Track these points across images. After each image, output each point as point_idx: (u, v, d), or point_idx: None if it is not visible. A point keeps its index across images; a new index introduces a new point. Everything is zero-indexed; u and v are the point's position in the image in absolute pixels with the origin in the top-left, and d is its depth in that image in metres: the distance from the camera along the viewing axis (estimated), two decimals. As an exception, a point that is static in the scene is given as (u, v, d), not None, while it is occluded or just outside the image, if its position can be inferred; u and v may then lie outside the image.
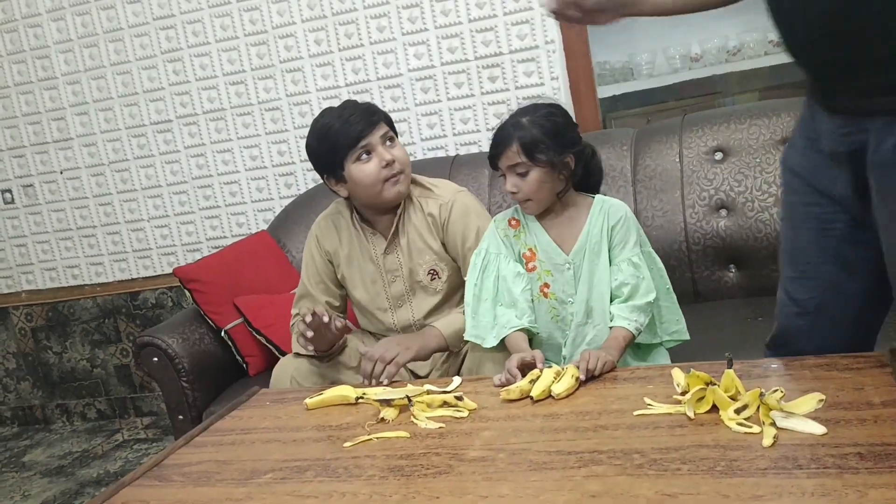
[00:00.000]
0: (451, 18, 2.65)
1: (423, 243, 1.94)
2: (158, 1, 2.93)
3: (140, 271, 3.23)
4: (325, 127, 1.87)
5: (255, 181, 2.99)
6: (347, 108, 1.89)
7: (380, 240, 1.96)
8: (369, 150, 1.85)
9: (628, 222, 1.75)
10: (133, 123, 3.08)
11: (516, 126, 1.69)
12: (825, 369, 1.29)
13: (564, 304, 1.77)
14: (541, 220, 1.78)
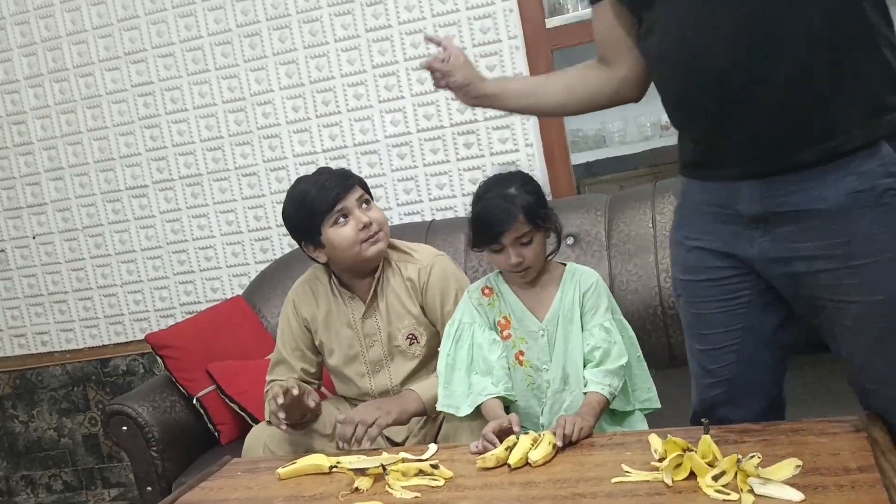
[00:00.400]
0: (427, 86, 2.70)
1: (402, 307, 1.93)
2: (136, 68, 2.96)
3: (111, 337, 3.18)
4: (301, 193, 1.88)
5: (231, 246, 2.98)
6: (323, 173, 1.91)
7: (358, 304, 1.95)
8: (346, 213, 1.86)
9: (599, 289, 1.76)
10: (108, 188, 3.08)
11: (511, 198, 1.67)
12: (801, 434, 1.29)
13: (540, 372, 1.77)
14: (514, 288, 1.79)
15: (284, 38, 2.81)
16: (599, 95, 1.51)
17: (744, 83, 1.22)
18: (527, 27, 2.60)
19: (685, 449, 1.23)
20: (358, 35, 2.74)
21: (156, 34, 2.93)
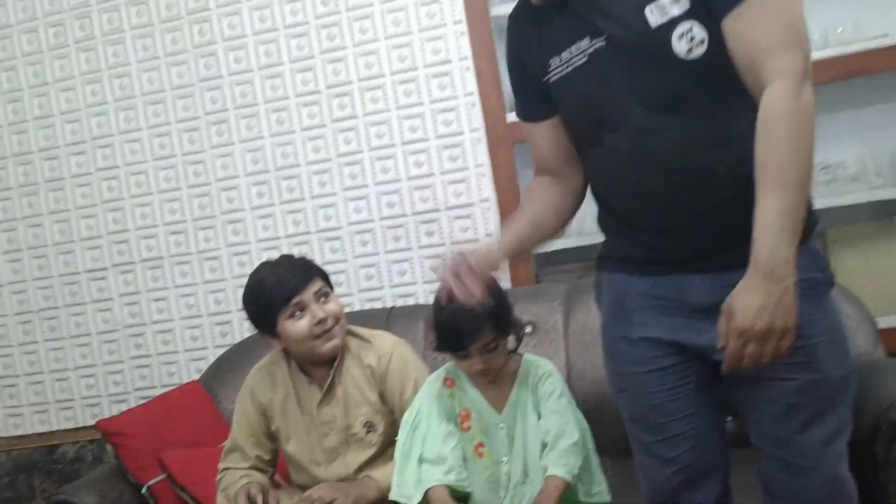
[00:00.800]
0: (391, 175, 2.76)
1: (360, 395, 1.92)
2: (102, 152, 2.98)
3: (61, 423, 3.09)
4: (259, 282, 1.89)
5: (190, 329, 2.96)
6: (282, 264, 1.91)
7: (315, 391, 1.94)
8: (302, 307, 1.86)
9: (553, 377, 1.79)
10: (67, 271, 3.05)
11: (476, 307, 1.64)
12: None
13: (499, 465, 1.76)
14: (474, 380, 1.80)
15: (252, 125, 2.86)
16: (566, 212, 1.57)
17: (691, 199, 1.33)
18: (488, 121, 2.69)
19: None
20: (324, 124, 2.80)
21: (123, 120, 2.97)
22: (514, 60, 1.53)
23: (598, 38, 1.35)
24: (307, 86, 2.81)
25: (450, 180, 2.72)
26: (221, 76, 2.87)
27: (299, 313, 1.86)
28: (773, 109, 1.23)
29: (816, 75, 2.59)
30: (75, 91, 3.00)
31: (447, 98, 2.70)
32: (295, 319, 1.86)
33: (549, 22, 1.43)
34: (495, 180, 2.70)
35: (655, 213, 1.38)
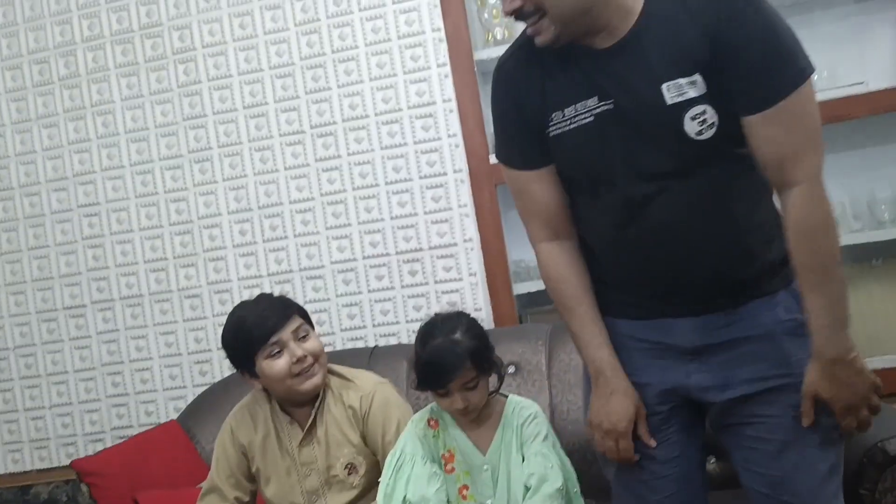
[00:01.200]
0: (374, 215, 2.76)
1: (341, 436, 1.90)
2: (84, 189, 2.97)
3: (35, 463, 3.03)
4: (239, 321, 1.87)
5: (169, 368, 2.92)
6: (261, 301, 1.90)
7: (296, 431, 1.92)
8: (281, 346, 1.84)
9: (538, 419, 1.78)
10: (44, 307, 3.02)
11: (456, 344, 1.68)
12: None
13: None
14: (458, 421, 1.79)
15: (235, 164, 2.86)
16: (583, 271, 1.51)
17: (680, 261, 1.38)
18: (471, 161, 2.71)
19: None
20: (307, 164, 2.81)
21: (106, 156, 2.96)
22: (511, 105, 1.47)
23: (607, 102, 1.36)
24: (291, 125, 2.83)
25: (433, 220, 2.73)
26: (206, 115, 2.88)
27: (278, 352, 1.84)
28: (807, 217, 1.31)
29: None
30: (58, 128, 3.00)
31: (431, 139, 2.73)
32: (273, 359, 1.84)
33: (554, 73, 1.41)
34: (478, 221, 2.71)
35: (644, 270, 1.41)
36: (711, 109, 1.31)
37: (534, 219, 1.51)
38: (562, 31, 1.34)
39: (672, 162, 1.34)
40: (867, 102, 2.49)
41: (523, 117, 1.45)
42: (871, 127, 2.65)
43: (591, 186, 1.42)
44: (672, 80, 1.31)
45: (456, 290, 2.70)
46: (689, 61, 1.31)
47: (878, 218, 2.65)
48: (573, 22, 1.33)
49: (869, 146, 2.74)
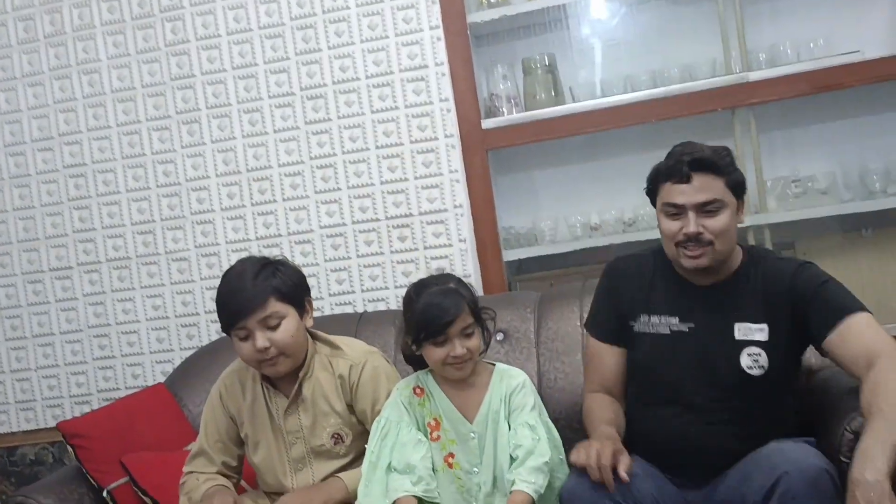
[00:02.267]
0: (364, 179, 2.74)
1: (327, 406, 1.89)
2: (70, 149, 2.94)
3: (21, 424, 3.02)
4: (219, 294, 1.84)
5: (156, 331, 2.91)
6: (241, 277, 1.82)
7: (282, 400, 1.91)
8: (247, 332, 1.81)
9: (526, 388, 1.78)
10: (30, 269, 2.99)
11: (452, 292, 1.72)
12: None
13: (470, 475, 1.75)
14: (445, 388, 1.78)
15: (224, 126, 2.83)
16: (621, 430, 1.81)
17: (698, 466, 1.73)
18: (463, 127, 2.68)
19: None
20: (297, 126, 2.78)
21: (92, 117, 2.92)
22: (613, 293, 1.90)
23: (686, 324, 1.78)
24: (281, 87, 2.79)
25: (423, 185, 2.70)
26: (194, 75, 2.84)
27: (245, 336, 1.81)
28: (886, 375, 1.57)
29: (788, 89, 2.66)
30: (43, 87, 2.95)
31: (422, 103, 2.69)
32: (241, 340, 1.82)
33: (657, 287, 1.84)
34: (469, 187, 2.70)
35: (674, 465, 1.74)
36: (765, 355, 1.71)
37: (594, 378, 1.91)
38: (713, 262, 1.74)
39: (722, 387, 1.72)
40: (862, 71, 2.48)
41: (620, 300, 1.87)
42: (864, 96, 2.64)
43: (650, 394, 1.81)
44: (744, 322, 1.74)
45: (445, 256, 2.69)
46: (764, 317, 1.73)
47: (870, 188, 2.65)
48: (724, 257, 1.75)
49: (862, 115, 2.72)
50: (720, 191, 1.70)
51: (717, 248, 1.72)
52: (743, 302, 1.75)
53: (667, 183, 1.74)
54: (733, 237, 1.76)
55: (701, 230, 1.69)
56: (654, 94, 2.62)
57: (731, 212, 1.73)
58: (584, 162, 2.94)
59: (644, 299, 1.84)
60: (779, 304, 1.72)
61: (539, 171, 2.99)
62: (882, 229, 2.70)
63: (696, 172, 1.70)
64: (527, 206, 2.97)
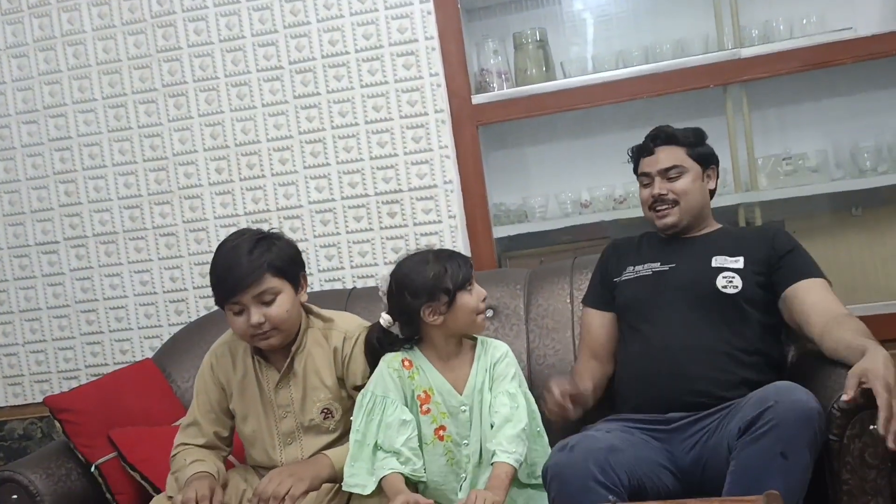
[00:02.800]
0: (353, 155, 2.72)
1: (318, 380, 1.89)
2: (55, 122, 2.90)
3: (9, 399, 3.01)
4: (213, 266, 1.82)
5: (144, 307, 2.89)
6: (236, 251, 1.80)
7: (273, 373, 1.90)
8: (242, 307, 1.80)
9: (508, 358, 1.81)
10: (16, 244, 2.97)
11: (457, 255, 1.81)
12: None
13: (460, 447, 1.76)
14: (433, 362, 1.79)
15: (211, 99, 2.80)
16: (600, 391, 2.01)
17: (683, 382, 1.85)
18: (453, 102, 2.66)
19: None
20: (286, 101, 2.75)
21: (77, 89, 2.88)
22: (606, 260, 2.14)
23: (667, 265, 1.99)
24: (269, 60, 2.75)
25: (413, 161, 2.68)
26: (181, 48, 2.80)
27: (239, 311, 1.80)
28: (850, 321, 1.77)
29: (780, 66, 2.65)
30: (27, 58, 2.91)
31: (412, 78, 2.67)
32: (235, 314, 1.81)
33: (644, 244, 2.09)
34: (459, 162, 2.68)
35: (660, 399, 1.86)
36: (738, 278, 1.90)
37: (583, 345, 2.12)
38: (680, 220, 1.99)
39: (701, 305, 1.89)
40: (854, 48, 2.46)
41: (606, 274, 2.11)
42: (857, 73, 2.63)
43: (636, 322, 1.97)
44: (720, 255, 1.94)
45: (435, 232, 2.68)
46: (740, 252, 1.93)
47: (861, 166, 2.65)
48: (691, 216, 2.00)
49: (854, 93, 2.72)
50: (680, 158, 2.00)
51: (682, 207, 1.99)
52: (721, 244, 1.99)
53: (639, 159, 2.08)
54: (699, 198, 2.02)
55: (665, 191, 1.99)
56: (646, 71, 2.60)
57: (694, 176, 2.01)
58: (575, 138, 2.92)
59: (631, 257, 2.09)
60: (757, 247, 1.94)
61: (530, 147, 2.98)
62: (872, 208, 2.70)
63: (658, 146, 2.03)
64: (517, 183, 2.96)
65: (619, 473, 1.60)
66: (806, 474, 1.53)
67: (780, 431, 1.51)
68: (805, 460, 1.52)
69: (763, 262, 1.92)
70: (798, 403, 1.54)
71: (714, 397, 1.79)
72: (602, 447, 1.63)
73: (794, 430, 1.51)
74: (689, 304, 1.91)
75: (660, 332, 1.91)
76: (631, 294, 2.02)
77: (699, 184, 2.02)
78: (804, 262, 1.93)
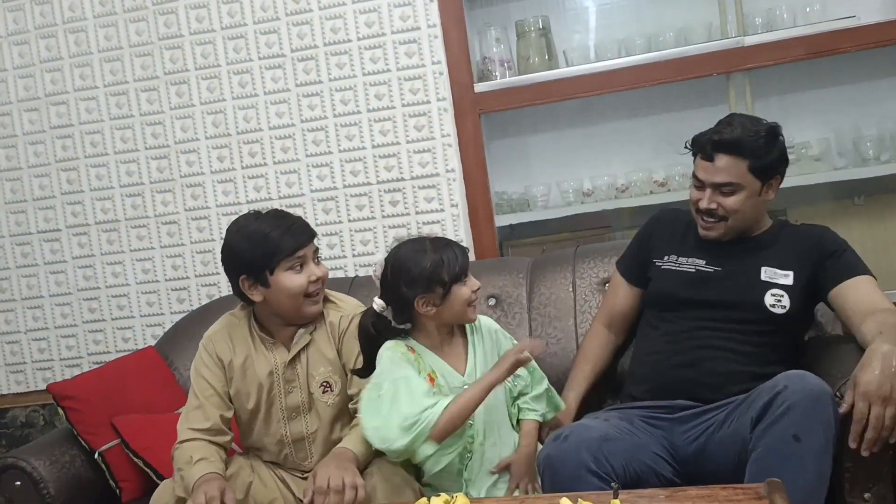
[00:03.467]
0: (356, 143, 2.72)
1: (320, 354, 1.92)
2: (56, 110, 2.90)
3: (11, 386, 3.02)
4: (259, 233, 1.84)
5: (146, 295, 2.90)
6: (286, 217, 1.89)
7: (281, 351, 1.93)
8: (303, 262, 1.86)
9: (500, 329, 1.91)
10: (18, 231, 2.97)
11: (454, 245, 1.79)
12: (707, 500, 1.31)
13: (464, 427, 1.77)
14: (430, 347, 1.80)
15: (213, 87, 2.79)
16: (604, 363, 2.09)
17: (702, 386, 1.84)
18: (455, 90, 2.66)
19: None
20: (288, 89, 2.74)
21: (79, 77, 2.88)
22: (647, 238, 2.06)
23: (712, 267, 1.91)
24: (271, 48, 2.75)
25: (415, 150, 2.68)
26: (182, 35, 2.80)
27: (299, 267, 1.86)
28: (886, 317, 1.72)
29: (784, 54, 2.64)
30: (29, 45, 2.90)
31: (414, 66, 2.66)
32: (293, 272, 1.85)
33: (692, 234, 1.98)
34: (461, 151, 2.68)
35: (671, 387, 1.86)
36: (788, 297, 1.84)
37: (605, 307, 2.13)
38: (724, 236, 1.90)
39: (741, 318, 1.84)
40: (857, 37, 2.46)
41: (650, 245, 2.04)
42: (859, 62, 2.62)
43: (660, 314, 1.96)
44: (770, 266, 1.87)
45: (437, 220, 2.68)
46: (790, 265, 1.86)
47: (863, 155, 2.64)
48: (737, 231, 1.90)
49: (857, 82, 2.71)
50: (739, 174, 1.82)
51: (729, 224, 1.88)
52: (771, 253, 1.90)
53: (697, 155, 1.88)
54: (750, 214, 1.89)
55: (714, 206, 1.85)
56: (649, 59, 2.60)
57: (750, 193, 1.84)
58: (577, 127, 2.92)
59: (675, 243, 2.00)
60: (805, 256, 1.87)
61: (532, 136, 2.97)
62: (874, 197, 2.70)
63: (718, 153, 1.81)
64: (519, 172, 2.95)
65: (613, 462, 1.61)
66: (822, 458, 1.52)
67: (792, 415, 1.51)
68: (819, 443, 1.51)
69: (811, 275, 1.87)
70: (808, 387, 1.54)
71: (725, 392, 1.79)
72: (595, 437, 1.65)
73: (806, 412, 1.51)
74: (729, 311, 1.86)
75: (689, 330, 1.88)
76: (669, 287, 1.96)
77: (754, 200, 1.87)
78: (848, 261, 1.86)
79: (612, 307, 2.11)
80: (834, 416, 1.54)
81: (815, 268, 1.86)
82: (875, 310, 1.74)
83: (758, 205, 1.89)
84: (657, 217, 2.10)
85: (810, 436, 1.50)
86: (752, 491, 1.32)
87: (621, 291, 2.09)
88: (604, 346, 2.09)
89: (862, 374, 1.54)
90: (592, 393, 2.09)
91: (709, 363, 1.83)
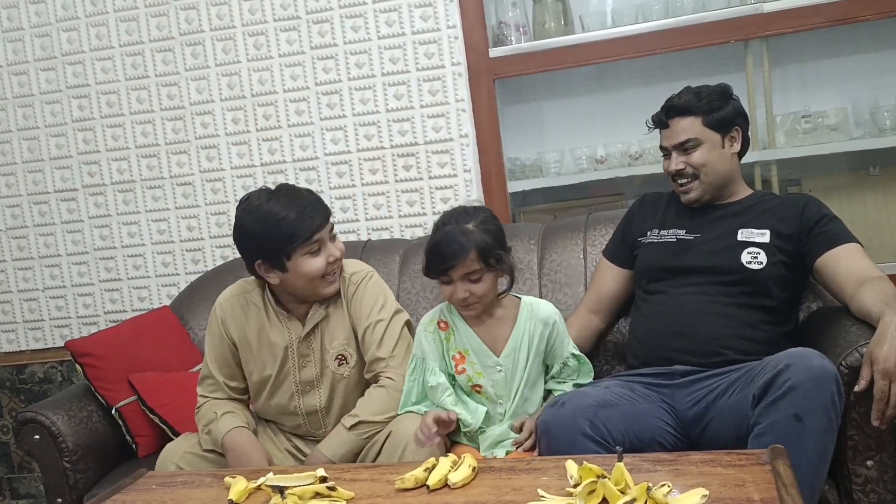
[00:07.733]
0: (370, 107, 2.72)
1: (335, 327, 1.93)
2: (73, 69, 2.91)
3: (30, 343, 3.08)
4: (273, 215, 1.80)
5: (162, 255, 2.93)
6: (300, 198, 1.85)
7: (296, 325, 1.93)
8: (320, 244, 1.84)
9: (558, 322, 1.85)
10: (36, 190, 3.00)
11: (466, 233, 1.71)
12: (710, 465, 1.33)
13: (495, 405, 1.80)
14: (470, 322, 1.80)
15: (228, 49, 2.79)
16: (586, 344, 2.06)
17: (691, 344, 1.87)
18: (470, 55, 2.65)
19: (599, 476, 1.26)
20: (303, 51, 2.74)
21: (95, 36, 2.88)
22: (633, 216, 2.12)
23: (693, 235, 1.96)
24: (286, 10, 2.74)
25: (429, 114, 2.68)
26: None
27: (317, 250, 1.84)
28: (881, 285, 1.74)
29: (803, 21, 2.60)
30: (45, 4, 2.91)
31: (429, 30, 2.65)
32: (311, 255, 1.83)
33: (672, 209, 2.05)
34: (475, 116, 2.67)
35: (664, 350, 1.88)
36: (764, 254, 1.87)
37: (591, 292, 2.15)
38: (703, 194, 1.96)
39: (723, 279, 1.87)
40: (879, 4, 2.42)
41: (630, 230, 2.10)
42: (878, 30, 2.59)
43: (649, 284, 1.98)
44: (746, 229, 1.91)
45: (450, 185, 2.69)
46: (766, 224, 1.89)
47: (880, 125, 2.62)
48: (715, 188, 1.96)
49: (877, 51, 2.67)
50: (696, 130, 1.92)
51: (703, 180, 1.95)
52: (749, 217, 1.94)
53: (659, 130, 2.01)
54: (721, 168, 1.95)
55: (682, 167, 1.94)
56: (666, 25, 2.57)
57: (712, 146, 1.93)
58: (592, 93, 2.90)
59: (657, 219, 2.06)
60: (787, 221, 1.90)
61: (546, 102, 2.96)
62: (890, 167, 2.68)
63: (671, 118, 1.95)
64: (533, 138, 2.95)
65: (611, 428, 1.62)
66: (824, 438, 1.52)
67: (794, 394, 1.50)
68: (821, 424, 1.50)
69: (790, 236, 1.89)
70: (812, 367, 1.52)
71: (722, 357, 1.80)
72: (592, 403, 1.66)
73: (809, 392, 1.49)
74: (710, 275, 1.89)
75: (676, 298, 1.91)
76: (652, 258, 2.00)
77: (718, 152, 1.94)
78: (834, 229, 1.88)
79: (598, 290, 2.13)
80: (838, 396, 1.52)
81: (798, 234, 1.89)
82: (866, 277, 1.76)
83: (724, 158, 1.95)
84: (639, 201, 2.16)
85: (812, 417, 1.50)
86: (756, 457, 1.34)
87: (608, 273, 2.12)
88: (584, 328, 2.09)
89: (878, 349, 1.53)
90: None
91: (698, 328, 1.85)
